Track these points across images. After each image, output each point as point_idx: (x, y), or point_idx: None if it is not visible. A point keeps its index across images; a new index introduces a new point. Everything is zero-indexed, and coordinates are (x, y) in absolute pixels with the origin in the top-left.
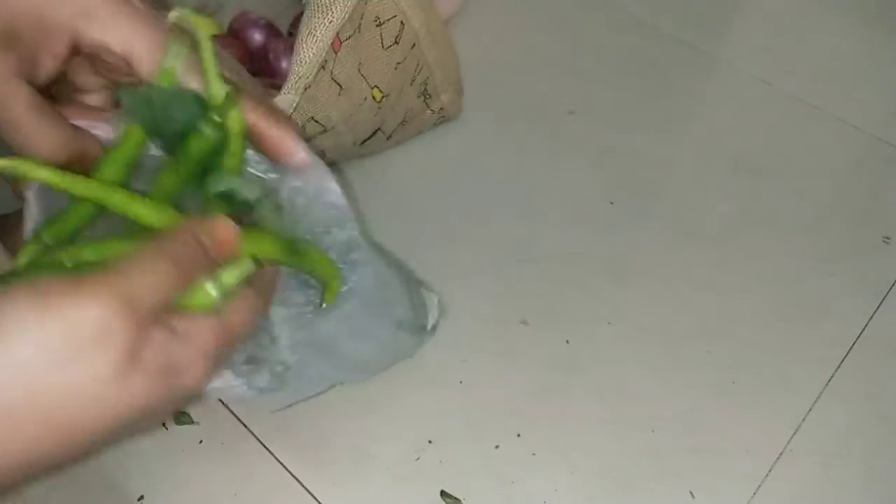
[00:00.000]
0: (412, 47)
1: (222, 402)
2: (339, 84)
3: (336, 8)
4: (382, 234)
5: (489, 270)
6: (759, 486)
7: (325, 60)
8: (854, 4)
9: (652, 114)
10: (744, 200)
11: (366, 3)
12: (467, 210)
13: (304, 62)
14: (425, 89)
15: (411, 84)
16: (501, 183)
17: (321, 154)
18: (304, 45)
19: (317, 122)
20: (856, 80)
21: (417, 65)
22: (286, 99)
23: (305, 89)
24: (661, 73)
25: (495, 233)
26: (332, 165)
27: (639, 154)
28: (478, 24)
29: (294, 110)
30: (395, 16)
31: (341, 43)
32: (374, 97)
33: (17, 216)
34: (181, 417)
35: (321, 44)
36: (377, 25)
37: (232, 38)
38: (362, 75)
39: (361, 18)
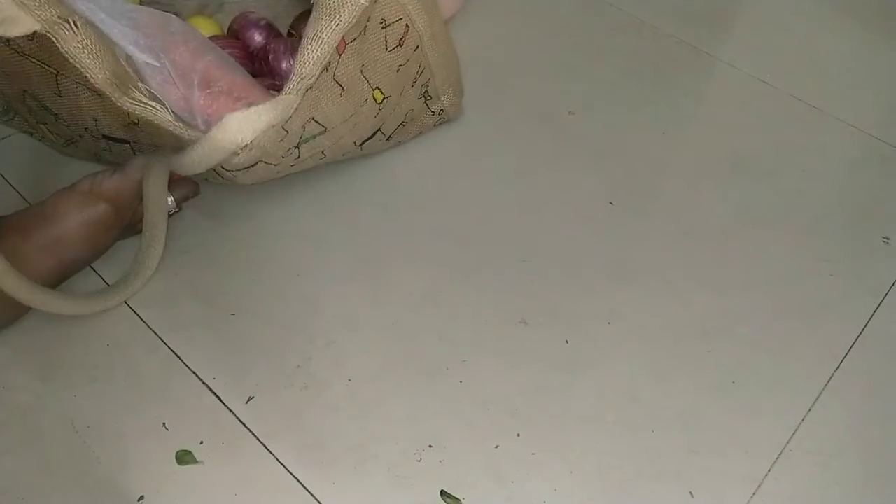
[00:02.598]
0: (415, 49)
1: (222, 402)
2: (340, 85)
3: (344, 11)
4: (383, 233)
5: (489, 270)
6: (759, 486)
7: (329, 62)
8: (854, 6)
9: (652, 114)
10: (744, 200)
11: (373, 6)
12: (467, 210)
13: (307, 64)
14: (426, 91)
15: (412, 86)
16: (501, 183)
17: (321, 154)
18: (309, 47)
19: (317, 122)
20: (856, 80)
21: (419, 67)
22: (287, 100)
23: (307, 91)
24: (661, 73)
25: (495, 233)
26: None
27: (639, 154)
28: (478, 25)
29: (295, 111)
30: (400, 18)
31: (346, 45)
32: (374, 98)
33: (12, 218)
34: (185, 457)
35: (326, 46)
36: (383, 28)
37: (232, 38)
38: (364, 77)
39: (368, 21)
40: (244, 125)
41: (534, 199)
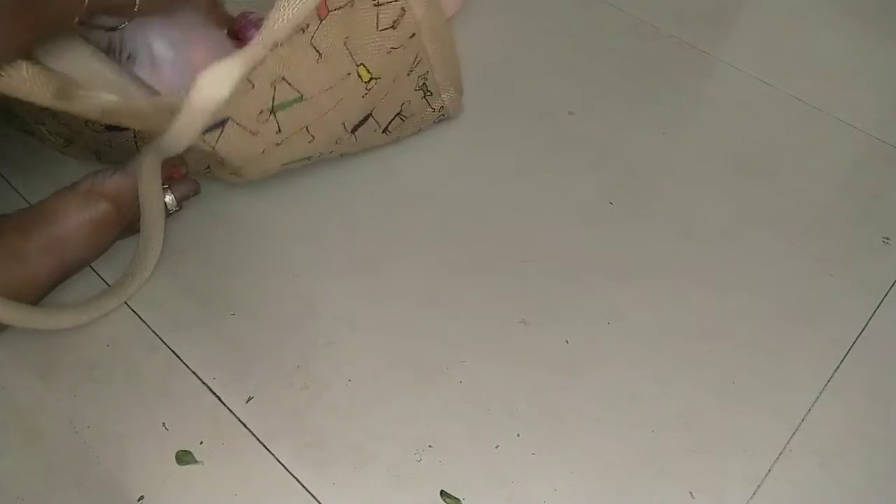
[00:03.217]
0: (411, 36)
1: (222, 402)
2: (317, 51)
3: None
4: (383, 232)
5: (489, 270)
6: (759, 486)
7: (307, 24)
8: (854, 5)
9: (652, 114)
10: (744, 200)
11: None
12: (467, 209)
13: (278, 19)
14: (425, 84)
15: (408, 74)
16: (501, 182)
17: (307, 133)
18: (286, 3)
19: (289, 84)
20: (856, 80)
21: (416, 56)
22: (253, 51)
23: (275, 46)
24: (661, 73)
25: (495, 233)
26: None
27: (639, 154)
28: (478, 24)
29: (261, 65)
30: (396, 0)
31: (328, 12)
32: (360, 75)
33: (12, 217)
34: (185, 457)
35: (304, 6)
36: (375, 5)
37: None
38: (347, 49)
39: None
40: (222, 75)
41: (534, 198)
